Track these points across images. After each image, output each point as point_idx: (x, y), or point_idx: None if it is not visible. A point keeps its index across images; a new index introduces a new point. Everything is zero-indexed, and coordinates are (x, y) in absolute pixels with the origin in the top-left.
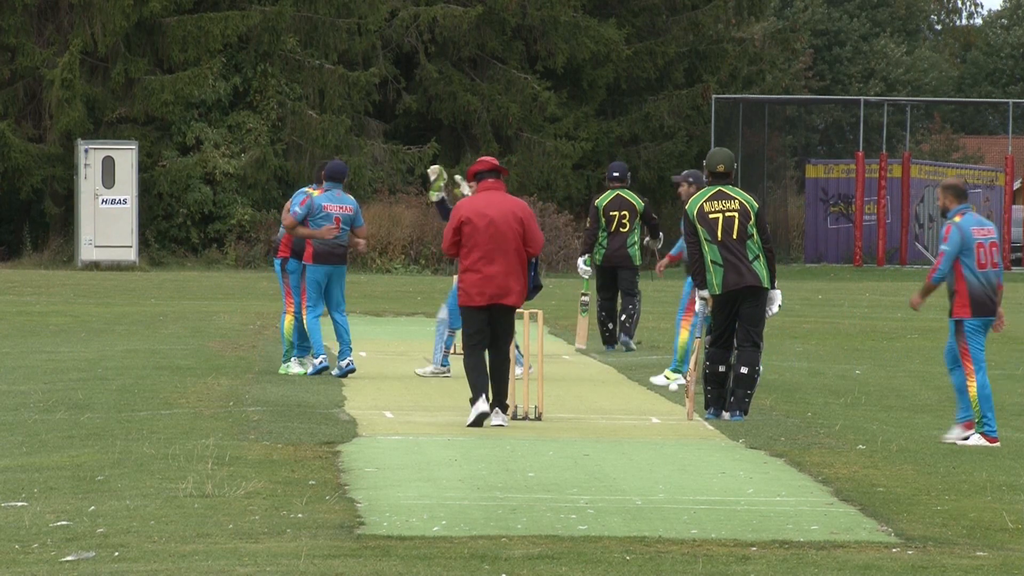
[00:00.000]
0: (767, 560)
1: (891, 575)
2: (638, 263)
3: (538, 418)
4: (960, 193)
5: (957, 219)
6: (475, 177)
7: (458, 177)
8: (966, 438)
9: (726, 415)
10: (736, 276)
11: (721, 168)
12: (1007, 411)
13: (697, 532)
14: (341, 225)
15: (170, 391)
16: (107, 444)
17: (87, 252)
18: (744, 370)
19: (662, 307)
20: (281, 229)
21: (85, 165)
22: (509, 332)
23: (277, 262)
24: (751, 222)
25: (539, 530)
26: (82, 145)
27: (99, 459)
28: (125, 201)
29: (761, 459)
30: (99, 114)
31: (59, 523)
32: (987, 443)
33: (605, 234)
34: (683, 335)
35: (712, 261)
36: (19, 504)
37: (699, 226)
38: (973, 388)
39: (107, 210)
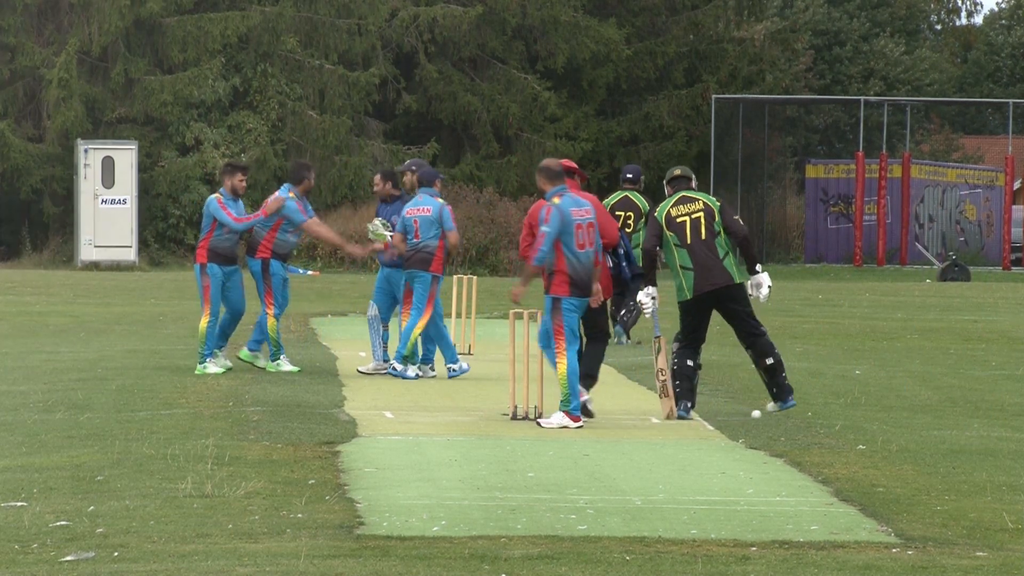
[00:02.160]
0: (767, 560)
1: (891, 575)
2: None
3: (538, 418)
4: (553, 175)
5: (556, 200)
6: None
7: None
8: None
9: (772, 406)
10: (706, 277)
11: (678, 172)
12: (1007, 411)
13: (697, 532)
14: (419, 228)
15: (170, 391)
16: (107, 444)
17: (87, 252)
18: (770, 360)
19: (660, 308)
20: (259, 230)
21: (85, 165)
22: (603, 324)
23: (258, 263)
24: (716, 220)
25: (539, 530)
26: (82, 145)
27: (99, 459)
28: (125, 201)
29: (761, 459)
30: (99, 114)
31: (59, 523)
32: (571, 422)
33: None
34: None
35: (681, 266)
36: (19, 504)
37: (668, 232)
38: (563, 367)
39: (107, 210)
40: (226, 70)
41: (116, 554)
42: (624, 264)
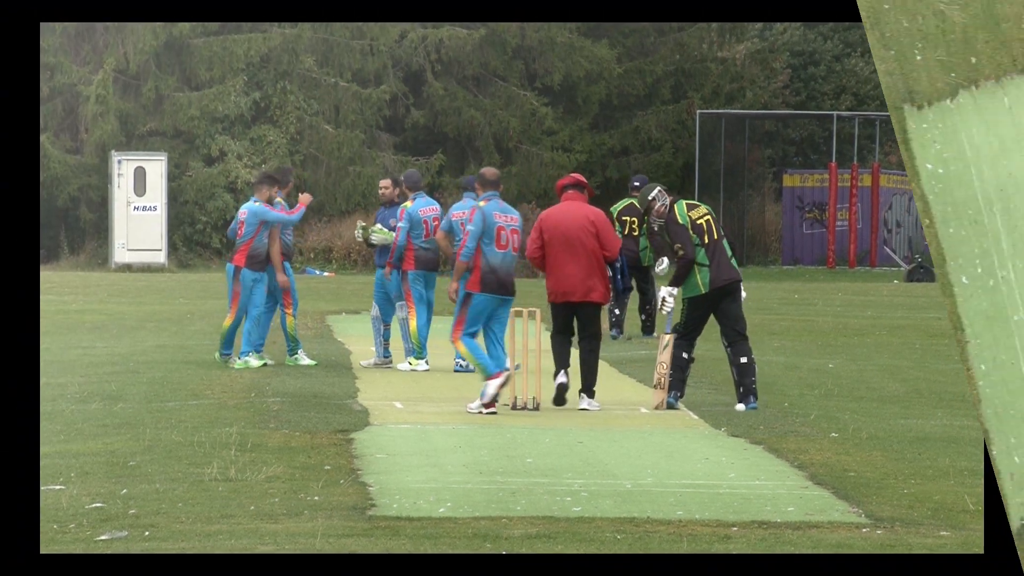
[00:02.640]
0: (747, 539)
1: (861, 553)
2: (646, 264)
3: (536, 408)
4: (486, 182)
5: (482, 204)
6: (561, 190)
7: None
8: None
9: (741, 406)
10: (720, 274)
11: (664, 187)
12: (968, 401)
13: (682, 513)
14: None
15: (196, 383)
16: (138, 432)
17: (120, 255)
18: (744, 359)
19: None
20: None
21: (118, 175)
22: (596, 326)
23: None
24: (719, 223)
25: (537, 512)
26: (115, 156)
27: (131, 446)
28: (155, 208)
29: (742, 446)
30: (131, 128)
31: (94, 505)
32: (497, 380)
33: (621, 236)
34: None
35: (698, 263)
36: (57, 487)
37: (692, 233)
38: (462, 348)
39: (138, 216)
40: (248, 87)
41: (147, 533)
42: (619, 277)
